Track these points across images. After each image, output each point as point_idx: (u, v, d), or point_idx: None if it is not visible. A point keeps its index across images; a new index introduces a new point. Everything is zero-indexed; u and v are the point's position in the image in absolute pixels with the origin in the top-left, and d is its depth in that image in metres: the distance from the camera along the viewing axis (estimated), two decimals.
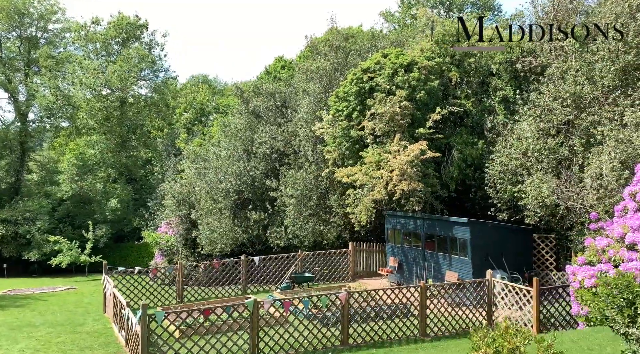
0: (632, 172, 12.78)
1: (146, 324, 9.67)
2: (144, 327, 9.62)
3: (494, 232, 15.91)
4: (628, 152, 12.68)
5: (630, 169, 12.83)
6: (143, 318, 9.59)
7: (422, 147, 16.14)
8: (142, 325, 9.60)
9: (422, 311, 12.59)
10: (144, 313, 9.64)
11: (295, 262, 18.52)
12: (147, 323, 9.69)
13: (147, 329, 9.70)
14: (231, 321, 10.71)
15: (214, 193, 24.17)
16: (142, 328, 9.60)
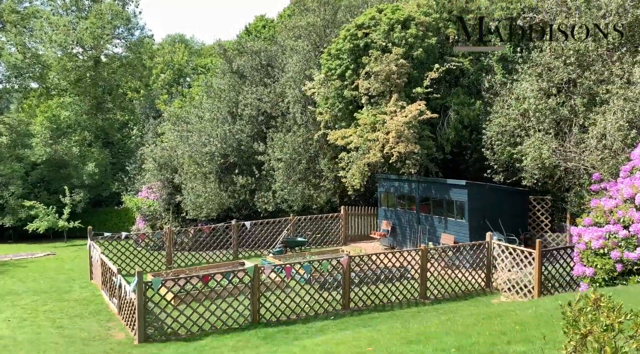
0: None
1: (142, 292, 9.12)
2: (140, 295, 9.07)
3: (491, 195, 15.69)
4: (635, 111, 12.39)
5: (638, 128, 12.59)
6: (139, 286, 9.03)
7: (421, 107, 15.60)
8: (139, 293, 9.05)
9: (423, 274, 12.37)
10: (140, 281, 9.07)
11: (287, 226, 18.08)
12: (143, 291, 9.14)
13: (144, 297, 9.16)
14: (231, 287, 10.24)
15: (197, 157, 23.35)
16: (139, 296, 9.05)
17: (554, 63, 15.12)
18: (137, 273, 9.08)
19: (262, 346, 8.65)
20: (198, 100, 30.28)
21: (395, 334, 7.38)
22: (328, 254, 16.62)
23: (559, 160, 14.22)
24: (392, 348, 5.87)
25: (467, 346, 4.94)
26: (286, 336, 9.43)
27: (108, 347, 8.72)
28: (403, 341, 6.35)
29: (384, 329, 8.18)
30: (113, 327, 10.30)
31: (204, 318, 9.80)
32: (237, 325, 10.12)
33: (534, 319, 6.42)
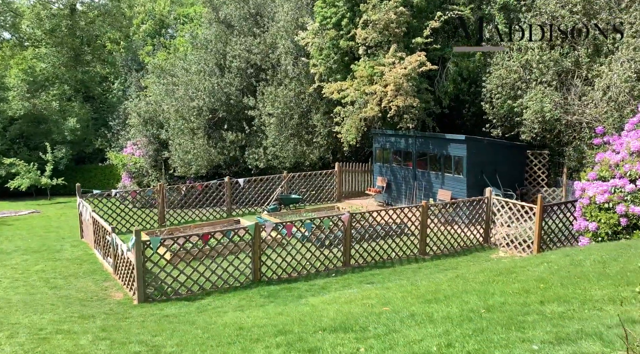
0: None
1: (141, 251, 8.77)
2: (138, 254, 8.72)
3: (489, 149, 15.46)
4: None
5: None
6: (137, 245, 8.66)
7: (421, 58, 15.02)
8: (137, 252, 8.69)
9: (423, 230, 12.23)
10: (138, 240, 8.70)
11: (281, 184, 17.72)
12: (142, 250, 8.78)
13: (142, 257, 8.82)
14: (232, 246, 9.95)
15: (185, 112, 22.58)
16: (137, 255, 8.71)
17: (559, 11, 14.57)
18: (134, 231, 8.69)
19: (267, 305, 8.45)
20: (183, 51, 29.03)
21: (407, 293, 7.20)
22: (324, 211, 16.41)
23: (560, 113, 13.94)
24: (411, 307, 5.66)
25: (497, 305, 4.73)
26: (289, 294, 9.26)
27: (107, 307, 8.44)
28: (420, 300, 6.15)
29: (393, 287, 8.03)
30: (110, 287, 10.00)
31: (204, 277, 9.54)
32: (239, 283, 9.90)
33: (552, 276, 6.25)
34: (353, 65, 16.78)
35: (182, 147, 22.53)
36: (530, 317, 4.05)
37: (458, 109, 17.62)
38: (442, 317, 4.66)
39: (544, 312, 4.16)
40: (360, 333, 4.66)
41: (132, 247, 8.70)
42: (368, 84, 16.02)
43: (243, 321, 6.53)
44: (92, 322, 7.12)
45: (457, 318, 4.51)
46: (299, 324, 5.63)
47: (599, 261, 6.97)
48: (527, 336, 3.54)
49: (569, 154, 15.25)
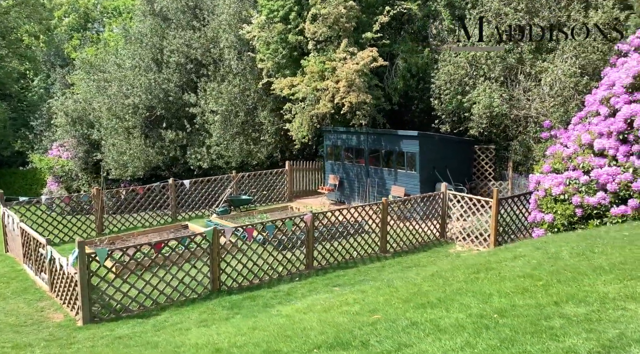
0: (592, 78, 12.67)
1: (86, 265, 7.75)
2: (83, 269, 7.70)
3: (440, 145, 15.51)
4: (590, 57, 12.45)
5: (589, 75, 12.69)
6: (81, 258, 7.64)
7: (373, 54, 14.75)
8: (81, 267, 7.66)
9: (384, 228, 11.95)
10: (82, 252, 7.68)
11: (230, 184, 16.85)
12: (86, 264, 7.76)
13: (88, 272, 7.80)
14: (188, 254, 9.11)
15: (118, 110, 21.07)
16: (81, 269, 7.68)
17: (503, 9, 14.85)
18: (77, 243, 7.65)
19: (232, 317, 7.75)
20: (114, 46, 27.18)
21: (388, 296, 6.80)
22: (278, 212, 15.77)
23: (508, 108, 14.19)
24: (405, 314, 5.24)
25: (507, 309, 4.41)
26: (254, 303, 8.59)
27: (46, 332, 7.36)
28: (409, 304, 5.74)
29: (369, 290, 7.59)
30: (46, 307, 8.82)
31: (158, 290, 8.64)
32: (196, 295, 9.08)
33: (538, 272, 6.06)
34: (303, 61, 16.25)
35: (117, 147, 21.01)
36: (554, 321, 3.75)
37: (407, 106, 17.60)
38: (452, 325, 4.26)
39: (566, 314, 3.87)
40: (364, 350, 4.16)
41: (75, 260, 7.67)
42: (319, 80, 15.56)
43: (215, 340, 5.82)
44: (29, 353, 6.11)
45: (470, 325, 4.13)
46: (285, 342, 5.03)
47: (577, 253, 6.92)
48: (566, 345, 3.21)
49: (514, 149, 15.60)
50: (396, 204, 12.35)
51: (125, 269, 8.28)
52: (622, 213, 9.58)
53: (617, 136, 9.93)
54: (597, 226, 9.87)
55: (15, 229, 11.13)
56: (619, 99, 10.11)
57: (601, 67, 12.57)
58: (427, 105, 17.08)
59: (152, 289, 8.56)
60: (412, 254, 11.97)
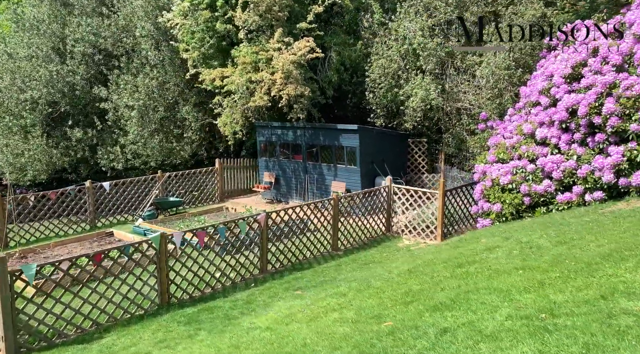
0: (526, 70, 13.15)
1: (8, 286, 6.30)
2: (4, 290, 6.25)
3: (378, 139, 15.37)
4: (524, 50, 12.91)
5: (523, 67, 13.16)
6: (3, 277, 6.19)
7: (310, 44, 14.18)
8: (3, 287, 6.21)
9: (335, 225, 11.45)
10: (3, 270, 6.22)
11: (155, 185, 15.35)
12: (9, 284, 6.31)
13: (11, 293, 6.35)
14: (131, 265, 7.88)
15: (12, 106, 18.49)
16: (3, 291, 6.22)
17: (434, 2, 15.04)
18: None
19: (197, 334, 6.75)
20: (1, 34, 23.86)
21: (376, 297, 6.28)
22: (213, 213, 14.65)
23: (444, 101, 14.37)
24: (421, 318, 4.72)
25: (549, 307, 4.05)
26: (213, 316, 7.64)
27: None
28: (423, 307, 5.22)
29: (350, 293, 7.02)
30: None
31: (98, 309, 7.35)
32: (142, 311, 7.89)
33: (540, 264, 5.83)
34: (233, 51, 15.25)
35: (12, 149, 18.45)
36: (623, 319, 3.43)
37: (340, 99, 17.27)
38: (499, 330, 3.80)
39: (629, 310, 3.57)
40: None
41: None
42: (253, 71, 14.67)
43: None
44: None
45: (522, 329, 3.69)
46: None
47: (557, 241, 6.89)
48: None
49: (446, 142, 15.92)
50: (346, 199, 11.90)
51: (59, 286, 6.91)
52: (567, 200, 9.92)
53: (559, 125, 10.28)
54: (544, 213, 10.17)
55: None
56: (558, 89, 10.48)
57: (530, 61, 13.12)
58: (360, 99, 16.90)
59: (92, 308, 7.26)
60: (363, 251, 11.60)
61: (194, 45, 15.73)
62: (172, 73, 18.00)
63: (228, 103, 15.05)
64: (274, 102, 14.53)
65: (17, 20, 21.01)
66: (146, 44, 17.82)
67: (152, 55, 17.83)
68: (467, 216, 12.75)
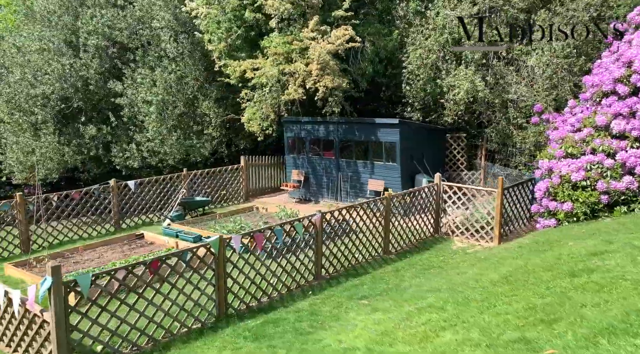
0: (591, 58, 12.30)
1: (62, 299, 5.41)
2: (59, 304, 5.36)
3: (418, 134, 14.57)
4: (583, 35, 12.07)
5: (586, 55, 12.33)
6: (56, 289, 5.31)
7: (349, 32, 13.31)
8: (56, 301, 5.32)
9: (387, 226, 10.60)
10: (59, 281, 5.33)
11: (181, 184, 14.44)
12: (63, 296, 5.42)
13: (65, 308, 5.46)
14: (189, 272, 7.00)
15: (22, 101, 17.52)
16: (56, 306, 5.34)
17: None
18: (50, 268, 5.28)
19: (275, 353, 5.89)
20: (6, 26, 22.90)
21: (492, 313, 5.44)
22: (244, 213, 13.78)
23: (490, 93, 13.54)
24: (596, 345, 3.89)
25: None
26: (280, 330, 6.77)
27: None
28: (595, 330, 4.37)
29: (446, 306, 6.17)
30: None
31: (155, 322, 6.47)
32: (199, 324, 7.02)
33: None
34: (263, 41, 14.36)
35: (22, 146, 17.52)
36: None
37: (372, 93, 16.41)
38: None
39: None
40: None
41: (45, 293, 5.31)
42: (285, 62, 13.80)
43: None
44: None
45: None
46: None
47: None
48: None
49: (488, 136, 15.11)
50: (397, 198, 11.04)
51: (114, 298, 6.01)
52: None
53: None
54: (625, 213, 9.36)
55: None
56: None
57: (590, 48, 12.32)
58: (394, 92, 16.07)
59: (148, 322, 6.37)
60: (416, 254, 10.74)
61: (220, 36, 14.84)
62: (191, 66, 17.09)
63: (259, 97, 14.16)
64: (308, 95, 13.67)
65: (26, 12, 20.04)
66: (165, 35, 16.90)
67: (170, 47, 16.91)
68: (521, 215, 11.92)
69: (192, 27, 17.10)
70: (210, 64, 17.78)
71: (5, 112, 17.77)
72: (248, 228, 11.64)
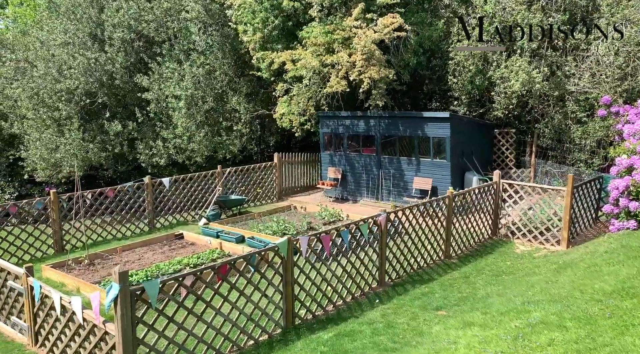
0: None
1: (130, 309, 4.68)
2: (126, 314, 4.63)
3: (468, 129, 13.75)
4: None
5: None
6: (124, 297, 4.58)
7: (398, 20, 12.53)
8: (123, 312, 4.60)
9: (449, 228, 9.79)
10: (126, 289, 4.60)
11: (215, 182, 13.72)
12: (131, 305, 4.69)
13: (132, 318, 4.72)
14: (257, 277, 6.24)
15: (47, 96, 16.90)
16: (123, 318, 4.61)
17: None
18: (117, 273, 4.55)
19: None
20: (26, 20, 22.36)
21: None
22: (283, 213, 13.03)
23: (552, 84, 12.66)
24: None
25: None
26: (359, 345, 6.01)
27: None
28: None
29: (566, 324, 5.36)
30: None
31: (222, 335, 5.72)
32: (266, 335, 6.26)
33: None
34: (302, 32, 13.61)
35: (46, 143, 16.90)
36: None
37: (413, 86, 15.61)
38: None
39: None
40: None
41: (111, 302, 4.58)
42: (325, 53, 13.04)
43: None
44: None
45: None
46: None
47: None
48: None
49: (540, 132, 14.24)
50: (459, 197, 10.22)
51: (182, 307, 5.27)
52: None
53: None
54: None
55: None
56: None
57: None
58: (436, 85, 15.27)
59: (215, 334, 5.63)
60: (480, 258, 9.90)
61: (256, 27, 14.11)
62: (221, 60, 16.39)
63: (297, 90, 13.41)
64: (351, 87, 12.90)
65: (49, 5, 19.47)
66: (195, 27, 16.22)
67: (200, 40, 16.22)
68: (587, 217, 11.04)
69: (222, 18, 16.41)
70: (240, 58, 17.08)
71: (29, 108, 17.19)
72: (293, 229, 10.91)
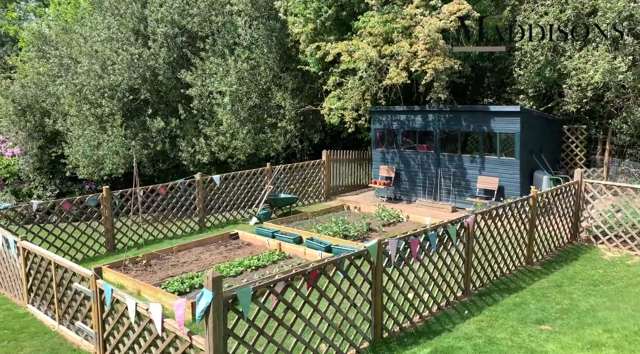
0: None
1: (222, 319, 4.01)
2: (218, 325, 3.96)
3: (538, 125, 12.78)
4: None
5: None
6: (216, 307, 3.91)
7: (465, 6, 11.67)
8: (216, 323, 3.93)
9: (532, 231, 8.88)
10: (220, 298, 3.93)
11: (266, 180, 13.09)
12: (223, 316, 4.02)
13: (224, 331, 4.05)
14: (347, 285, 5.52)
15: (89, 93, 16.60)
16: (216, 327, 3.94)
17: None
18: (210, 279, 3.87)
19: None
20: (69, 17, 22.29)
21: None
22: (337, 213, 12.31)
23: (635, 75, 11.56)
24: None
25: None
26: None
27: None
28: None
29: None
30: None
31: (311, 348, 5.01)
32: (354, 350, 5.53)
33: None
34: (358, 22, 12.88)
35: (88, 140, 16.60)
36: None
37: (473, 78, 14.68)
38: None
39: None
40: None
41: (202, 312, 3.92)
42: (383, 43, 12.27)
43: None
44: None
45: None
46: None
47: None
48: None
49: (616, 128, 13.15)
50: (543, 198, 9.29)
51: (273, 317, 4.58)
52: None
53: None
54: None
55: (11, 251, 6.90)
56: None
57: None
58: (498, 78, 14.32)
59: (304, 349, 4.92)
60: (565, 265, 8.94)
61: (308, 17, 13.44)
62: (267, 55, 15.80)
63: (352, 83, 12.67)
64: (415, 79, 12.10)
65: (94, 2, 19.26)
66: (240, 20, 15.67)
67: (245, 34, 15.66)
68: None
69: (268, 11, 15.83)
70: (285, 52, 16.47)
71: (72, 105, 16.95)
72: (354, 230, 10.18)
